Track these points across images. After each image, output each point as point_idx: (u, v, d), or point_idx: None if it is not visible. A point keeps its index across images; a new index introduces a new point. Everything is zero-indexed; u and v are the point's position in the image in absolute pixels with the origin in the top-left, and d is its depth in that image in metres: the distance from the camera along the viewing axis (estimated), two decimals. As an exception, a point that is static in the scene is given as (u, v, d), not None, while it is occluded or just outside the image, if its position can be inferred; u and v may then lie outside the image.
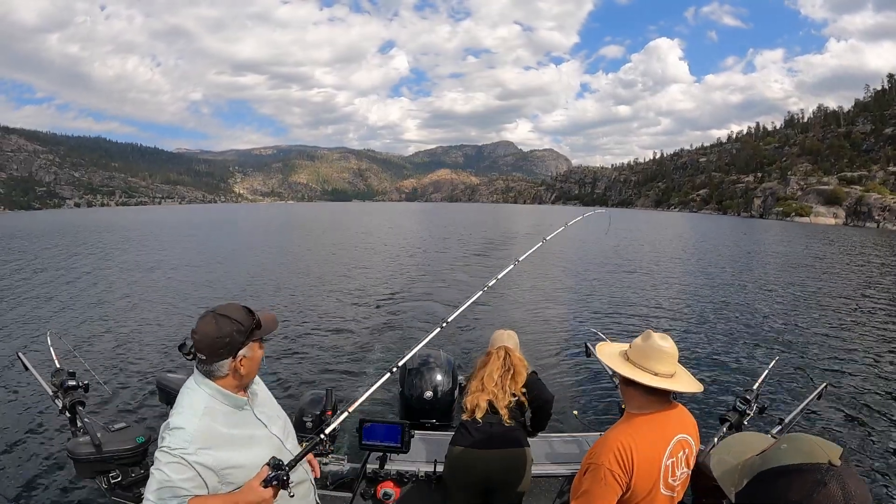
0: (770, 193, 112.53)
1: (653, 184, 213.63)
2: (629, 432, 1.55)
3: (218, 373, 1.45)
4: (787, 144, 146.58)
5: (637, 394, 1.62)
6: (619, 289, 15.43)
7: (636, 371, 1.60)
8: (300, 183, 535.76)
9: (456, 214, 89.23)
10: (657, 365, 1.60)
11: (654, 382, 1.57)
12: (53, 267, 16.84)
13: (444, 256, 23.28)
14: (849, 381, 7.51)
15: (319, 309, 11.37)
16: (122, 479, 2.22)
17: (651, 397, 1.60)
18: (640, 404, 1.61)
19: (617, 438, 1.53)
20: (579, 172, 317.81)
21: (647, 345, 1.64)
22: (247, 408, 1.52)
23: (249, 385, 1.56)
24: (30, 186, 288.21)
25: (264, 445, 1.51)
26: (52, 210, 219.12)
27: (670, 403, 1.66)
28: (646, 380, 1.57)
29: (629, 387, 1.64)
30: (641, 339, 1.68)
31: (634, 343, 1.69)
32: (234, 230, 43.18)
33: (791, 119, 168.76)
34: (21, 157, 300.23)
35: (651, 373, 1.59)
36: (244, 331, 1.42)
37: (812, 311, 12.68)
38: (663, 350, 1.63)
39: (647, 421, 1.58)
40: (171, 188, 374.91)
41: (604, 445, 1.53)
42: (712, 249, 29.13)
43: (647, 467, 1.52)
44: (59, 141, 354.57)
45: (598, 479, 1.48)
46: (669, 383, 1.60)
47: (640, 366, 1.61)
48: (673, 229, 50.82)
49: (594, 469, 1.50)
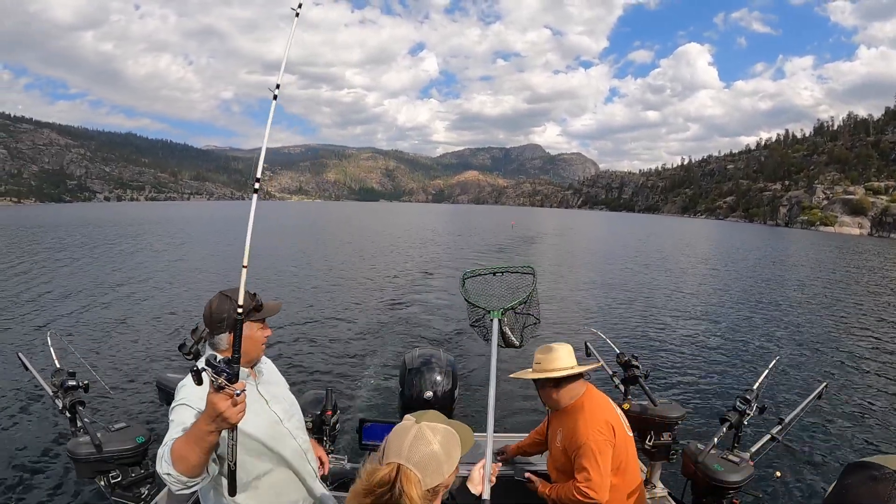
0: (796, 202, 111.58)
1: (680, 190, 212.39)
2: (590, 409, 2.01)
3: (219, 346, 1.56)
4: (816, 152, 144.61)
5: (573, 385, 2.09)
6: (621, 290, 15.45)
7: (574, 370, 2.08)
8: (328, 182, 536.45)
9: (476, 217, 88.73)
10: (566, 361, 2.11)
11: (577, 370, 2.09)
12: (55, 266, 16.82)
13: (450, 259, 23.29)
14: (849, 381, 7.51)
15: (322, 309, 11.37)
16: (122, 479, 2.21)
17: (576, 384, 2.11)
18: (572, 394, 2.09)
19: (592, 416, 1.97)
20: (606, 177, 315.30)
21: (552, 354, 2.12)
22: (250, 381, 1.59)
23: (255, 364, 1.64)
24: (61, 180, 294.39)
25: (262, 418, 1.56)
26: (82, 203, 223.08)
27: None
28: (576, 371, 2.08)
29: (563, 385, 2.08)
30: (545, 352, 2.14)
31: (542, 358, 2.14)
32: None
33: (820, 126, 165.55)
34: (53, 150, 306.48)
35: (569, 367, 2.09)
36: (244, 307, 1.45)
37: (813, 313, 12.70)
38: (563, 352, 2.13)
39: (592, 397, 2.08)
40: (200, 184, 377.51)
41: (587, 426, 1.94)
42: (721, 255, 29.19)
43: (616, 422, 2.01)
44: (90, 136, 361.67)
45: (600, 449, 1.90)
46: (581, 367, 2.12)
47: (562, 367, 2.09)
48: (690, 236, 50.61)
49: (590, 444, 1.89)
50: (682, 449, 2.51)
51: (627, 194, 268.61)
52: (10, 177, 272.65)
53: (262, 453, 1.54)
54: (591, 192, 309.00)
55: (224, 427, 1.18)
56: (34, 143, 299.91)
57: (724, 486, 2.23)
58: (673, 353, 8.66)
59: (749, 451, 2.39)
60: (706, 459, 2.30)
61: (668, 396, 2.80)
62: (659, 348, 8.95)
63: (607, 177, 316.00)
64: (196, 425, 1.20)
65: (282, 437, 1.61)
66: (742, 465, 2.27)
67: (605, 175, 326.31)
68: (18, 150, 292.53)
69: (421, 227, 50.76)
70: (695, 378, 7.43)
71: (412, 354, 3.45)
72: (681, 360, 8.26)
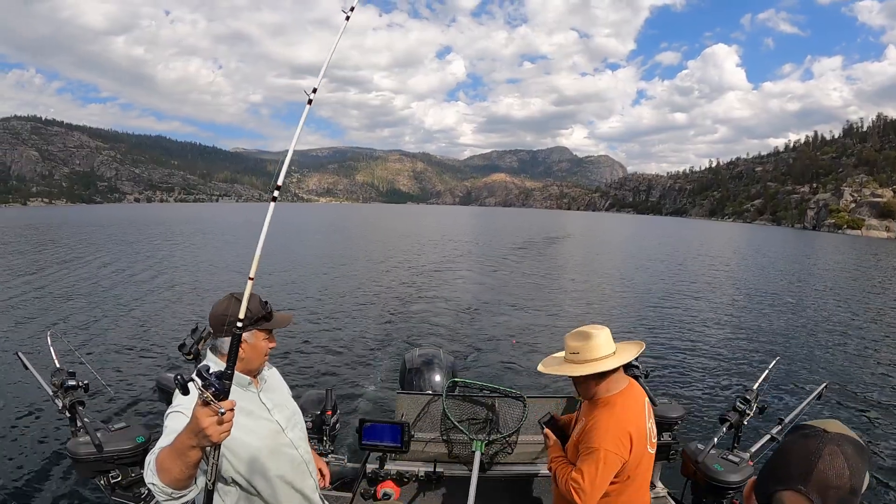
0: (823, 205, 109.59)
1: (707, 193, 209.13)
2: (619, 413, 1.71)
3: (221, 349, 1.51)
4: (844, 154, 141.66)
5: (616, 376, 1.76)
6: (621, 290, 15.46)
7: (612, 360, 1.74)
8: (356, 184, 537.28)
9: (500, 220, 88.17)
10: (608, 348, 1.76)
11: (626, 359, 1.76)
12: (56, 265, 16.83)
13: (458, 262, 23.30)
14: (849, 381, 7.51)
15: (324, 309, 11.38)
16: (122, 479, 2.22)
17: (617, 375, 1.77)
18: (610, 387, 1.76)
19: (617, 424, 1.69)
20: (634, 180, 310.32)
21: (592, 342, 1.75)
22: (251, 388, 1.55)
23: (258, 372, 1.59)
24: (91, 181, 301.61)
25: (262, 426, 1.53)
26: (111, 204, 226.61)
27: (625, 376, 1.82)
28: (621, 361, 1.74)
29: (608, 376, 1.75)
30: (581, 339, 1.77)
31: (579, 347, 1.77)
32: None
33: (850, 128, 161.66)
34: (83, 153, 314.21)
35: (611, 355, 1.76)
36: (250, 316, 1.45)
37: (815, 314, 12.70)
38: (601, 336, 1.77)
39: (628, 397, 1.76)
40: (229, 186, 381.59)
41: (607, 432, 1.67)
42: (729, 257, 29.08)
43: (639, 436, 1.72)
44: (120, 138, 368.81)
45: (607, 461, 1.66)
46: (622, 358, 1.77)
47: (604, 355, 1.75)
48: (707, 239, 49.51)
49: (601, 453, 1.66)
50: (682, 449, 2.52)
51: (655, 197, 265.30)
52: (42, 178, 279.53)
53: (261, 463, 1.49)
54: (618, 194, 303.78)
55: (206, 444, 1.11)
56: (65, 146, 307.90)
57: (724, 486, 2.23)
58: (673, 353, 8.66)
59: (749, 451, 2.39)
60: (706, 459, 2.30)
61: (668, 396, 2.78)
62: (659, 348, 8.96)
63: (635, 179, 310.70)
64: (179, 438, 1.14)
65: (282, 447, 1.57)
66: (742, 465, 2.27)
67: (633, 178, 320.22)
68: (50, 152, 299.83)
69: (438, 230, 50.48)
70: (695, 378, 7.44)
71: (412, 354, 3.45)
72: (681, 360, 8.27)
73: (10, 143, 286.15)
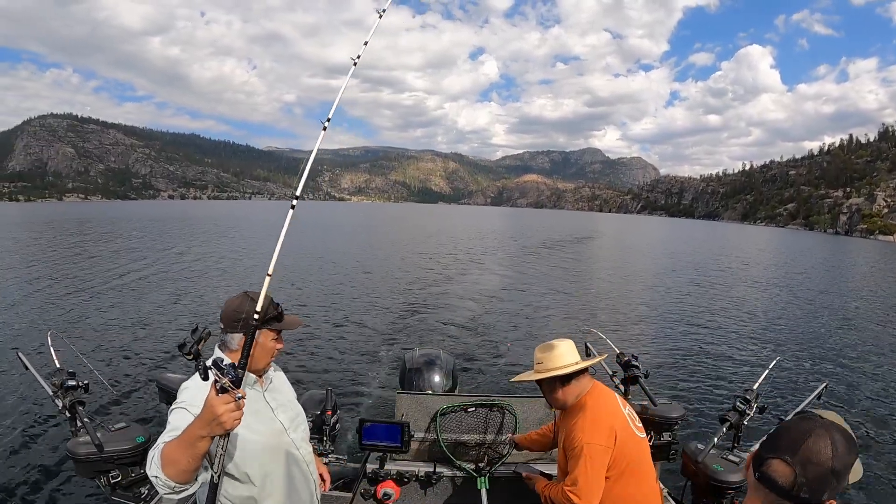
0: (856, 210, 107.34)
1: (740, 196, 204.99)
2: (592, 409, 1.87)
3: (230, 345, 1.53)
4: (879, 158, 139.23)
5: (579, 382, 1.96)
6: (622, 290, 15.46)
7: (579, 365, 1.95)
8: (388, 182, 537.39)
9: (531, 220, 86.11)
10: (569, 357, 1.98)
11: (582, 365, 1.97)
12: (58, 265, 16.80)
13: (476, 264, 23.29)
14: (849, 381, 7.52)
15: (325, 309, 11.37)
16: (122, 479, 2.21)
17: (581, 380, 1.97)
18: (577, 391, 1.96)
19: (593, 418, 1.84)
20: (666, 182, 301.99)
21: (554, 352, 1.98)
22: (256, 388, 1.56)
23: (264, 372, 1.61)
24: (126, 178, 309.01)
25: (266, 425, 1.54)
26: (145, 201, 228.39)
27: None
28: (581, 366, 1.95)
29: (569, 382, 1.95)
30: (546, 350, 2.00)
31: (543, 356, 1.99)
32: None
33: (885, 131, 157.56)
34: (119, 150, 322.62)
35: (573, 363, 1.96)
36: (261, 315, 1.45)
37: (816, 315, 12.72)
38: (562, 347, 2.00)
39: (597, 395, 1.94)
40: (262, 184, 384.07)
41: (584, 429, 1.82)
42: (743, 260, 28.83)
43: (620, 424, 1.87)
44: (155, 136, 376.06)
45: (593, 455, 1.78)
46: (581, 365, 1.97)
47: (566, 363, 1.96)
48: (731, 243, 47.83)
49: (585, 448, 1.78)
50: (682, 449, 2.52)
51: (687, 200, 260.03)
52: (78, 174, 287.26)
53: (264, 461, 1.50)
54: (650, 197, 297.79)
55: (218, 432, 1.16)
56: (101, 143, 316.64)
57: (724, 486, 2.23)
58: (673, 353, 8.66)
59: (749, 451, 2.38)
60: (706, 459, 2.30)
61: (668, 396, 2.79)
62: (659, 348, 8.96)
63: (667, 182, 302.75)
64: (189, 429, 1.18)
65: (285, 447, 1.57)
66: (742, 465, 2.26)
67: (665, 180, 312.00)
68: (85, 149, 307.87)
69: (465, 230, 49.67)
70: (695, 378, 7.43)
71: (413, 354, 3.45)
72: (681, 360, 8.26)
73: (47, 140, 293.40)
